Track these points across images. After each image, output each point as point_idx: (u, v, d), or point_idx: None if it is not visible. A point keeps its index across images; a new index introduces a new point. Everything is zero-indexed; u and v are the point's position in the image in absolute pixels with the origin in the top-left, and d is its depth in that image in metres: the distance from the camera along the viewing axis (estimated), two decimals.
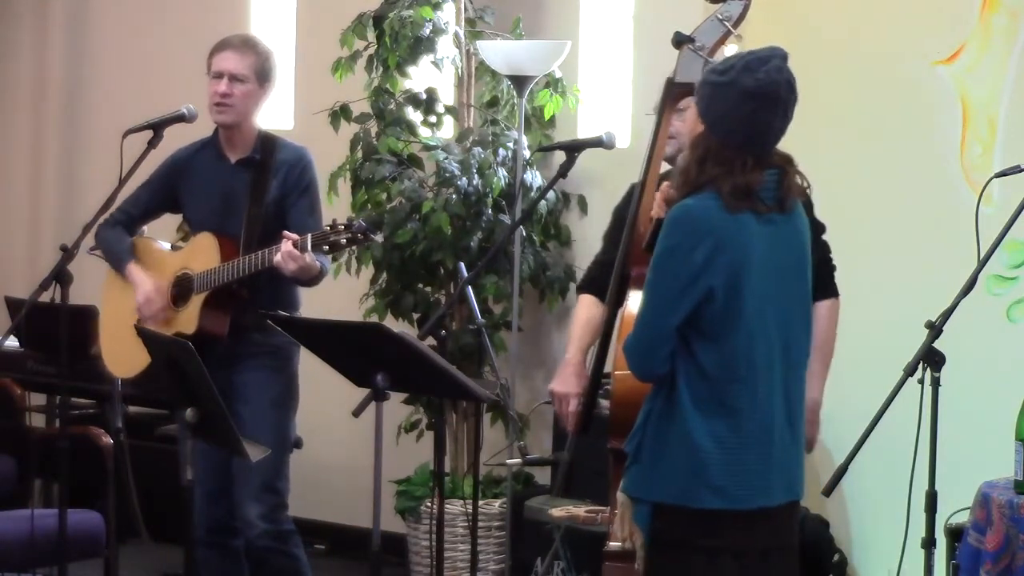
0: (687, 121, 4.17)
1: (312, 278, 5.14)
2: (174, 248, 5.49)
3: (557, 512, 5.61)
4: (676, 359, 3.69)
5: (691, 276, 3.62)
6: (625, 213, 4.58)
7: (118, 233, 5.43)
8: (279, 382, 5.27)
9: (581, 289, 4.89)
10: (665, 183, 4.01)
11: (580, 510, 5.51)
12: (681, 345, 3.68)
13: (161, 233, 5.65)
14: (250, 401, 5.22)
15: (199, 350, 5.08)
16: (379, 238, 6.61)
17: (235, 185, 5.27)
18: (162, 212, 5.52)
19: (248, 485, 5.19)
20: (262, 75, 5.31)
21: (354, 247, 5.05)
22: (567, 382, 4.64)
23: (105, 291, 5.56)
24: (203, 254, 5.23)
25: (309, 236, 4.94)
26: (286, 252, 4.93)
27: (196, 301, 5.22)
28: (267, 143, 5.33)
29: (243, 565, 5.36)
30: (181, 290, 5.29)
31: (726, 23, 4.08)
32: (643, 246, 4.00)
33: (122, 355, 5.34)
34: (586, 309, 4.78)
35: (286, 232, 4.99)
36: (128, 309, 5.37)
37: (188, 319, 5.22)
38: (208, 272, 5.18)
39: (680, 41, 4.14)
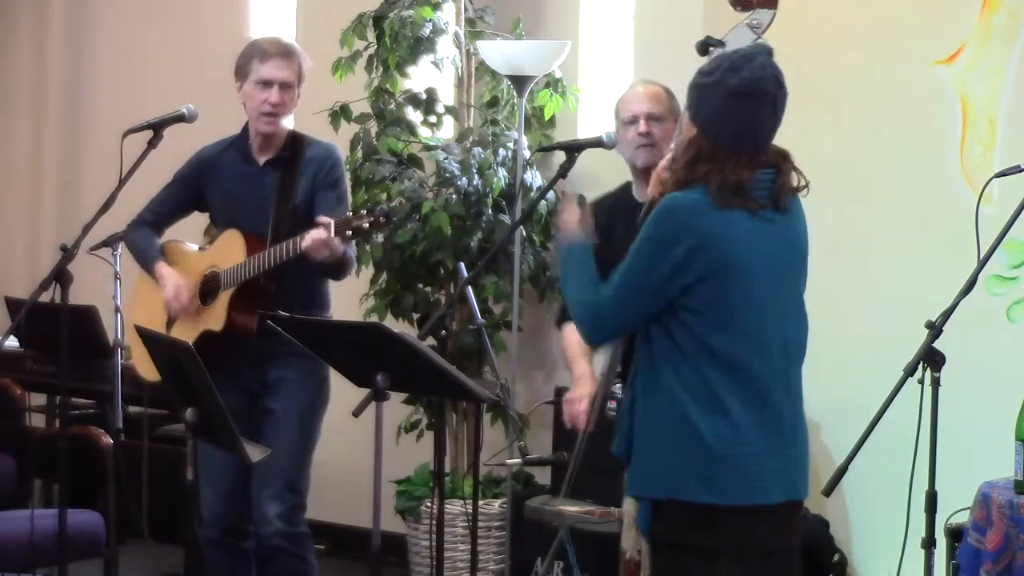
0: (682, 125, 4.14)
1: (340, 267, 5.13)
2: (202, 249, 5.48)
3: (569, 508, 5.60)
4: (666, 355, 3.69)
5: (670, 270, 3.63)
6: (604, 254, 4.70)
7: (145, 233, 5.42)
8: (311, 383, 5.23)
9: (565, 321, 4.90)
10: (661, 163, 4.01)
11: (591, 506, 5.50)
12: (672, 342, 3.68)
13: (188, 236, 5.63)
14: (281, 399, 5.21)
15: (229, 348, 5.13)
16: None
17: (264, 186, 5.25)
18: (189, 211, 5.50)
19: (269, 483, 5.17)
20: (302, 80, 5.31)
21: (376, 232, 5.04)
22: (582, 388, 4.66)
23: (136, 296, 5.55)
24: (230, 251, 5.22)
25: (331, 222, 4.90)
26: (317, 239, 4.91)
27: (224, 298, 5.19)
28: (296, 142, 5.31)
29: (253, 567, 5.35)
30: (209, 288, 5.27)
31: (755, 30, 4.09)
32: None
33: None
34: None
35: (319, 218, 4.95)
36: (159, 312, 5.36)
37: (216, 316, 5.20)
38: (235, 267, 5.16)
39: (708, 46, 4.14)
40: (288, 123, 5.34)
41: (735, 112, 3.65)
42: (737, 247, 3.65)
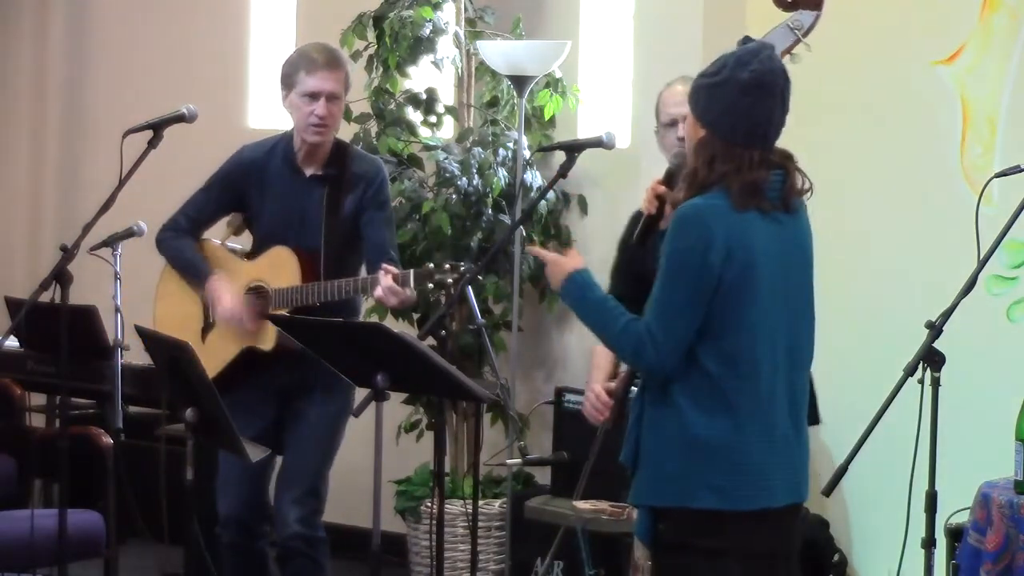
0: (687, 131, 4.11)
1: (408, 307, 5.12)
2: (246, 257, 5.37)
3: (582, 505, 5.60)
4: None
5: (710, 276, 3.60)
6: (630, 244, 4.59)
7: (188, 243, 5.33)
8: (344, 389, 5.15)
9: None
10: (654, 179, 4.00)
11: (605, 505, 5.50)
12: None
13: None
14: (316, 404, 5.20)
15: (272, 361, 5.13)
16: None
17: (310, 200, 5.21)
18: (227, 214, 5.43)
19: (292, 487, 5.20)
20: (348, 88, 5.28)
21: (457, 286, 5.04)
22: (590, 387, 4.62)
23: (161, 300, 5.46)
24: (281, 270, 5.16)
25: (412, 273, 4.88)
26: (388, 288, 4.86)
27: None
28: (341, 154, 5.26)
29: (266, 566, 5.36)
30: (255, 302, 5.22)
31: (796, 31, 4.06)
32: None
33: None
34: None
35: (386, 266, 4.92)
36: (190, 316, 5.32)
37: (266, 335, 5.15)
38: (289, 290, 5.11)
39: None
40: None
41: (747, 106, 3.64)
42: (756, 249, 3.64)
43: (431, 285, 4.90)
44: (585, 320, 3.83)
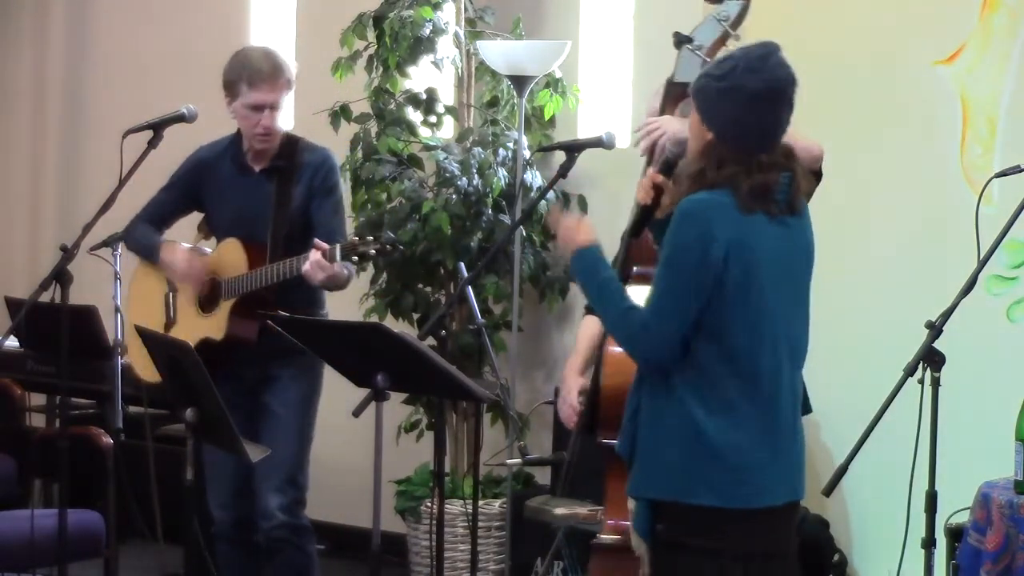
0: (690, 127, 4.10)
1: (338, 285, 5.16)
2: (200, 254, 5.46)
3: (560, 510, 5.61)
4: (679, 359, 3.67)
5: (709, 272, 3.59)
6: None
7: (145, 229, 5.42)
8: (308, 379, 5.27)
9: (591, 310, 4.85)
10: (651, 169, 3.98)
11: (582, 508, 5.52)
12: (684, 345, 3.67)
13: (179, 233, 5.61)
14: (279, 395, 5.25)
15: (230, 351, 5.16)
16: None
17: (261, 195, 5.26)
18: (188, 213, 5.51)
19: (271, 478, 5.22)
20: (292, 86, 5.31)
21: (381, 257, 5.08)
22: (566, 383, 4.64)
23: (132, 297, 5.54)
24: (230, 261, 5.23)
25: (338, 247, 4.93)
26: (315, 262, 4.93)
27: (224, 307, 5.22)
28: (291, 147, 5.31)
29: (263, 558, 5.39)
30: (210, 295, 5.29)
31: (723, 23, 4.06)
32: (625, 232, 3.99)
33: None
34: (597, 325, 4.75)
35: (317, 241, 4.98)
36: (157, 313, 5.37)
37: (217, 325, 5.22)
38: (236, 279, 5.19)
39: (680, 41, 4.12)
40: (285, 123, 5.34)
41: (757, 116, 3.62)
42: (760, 251, 3.63)
43: (356, 258, 4.94)
44: (588, 296, 3.87)
